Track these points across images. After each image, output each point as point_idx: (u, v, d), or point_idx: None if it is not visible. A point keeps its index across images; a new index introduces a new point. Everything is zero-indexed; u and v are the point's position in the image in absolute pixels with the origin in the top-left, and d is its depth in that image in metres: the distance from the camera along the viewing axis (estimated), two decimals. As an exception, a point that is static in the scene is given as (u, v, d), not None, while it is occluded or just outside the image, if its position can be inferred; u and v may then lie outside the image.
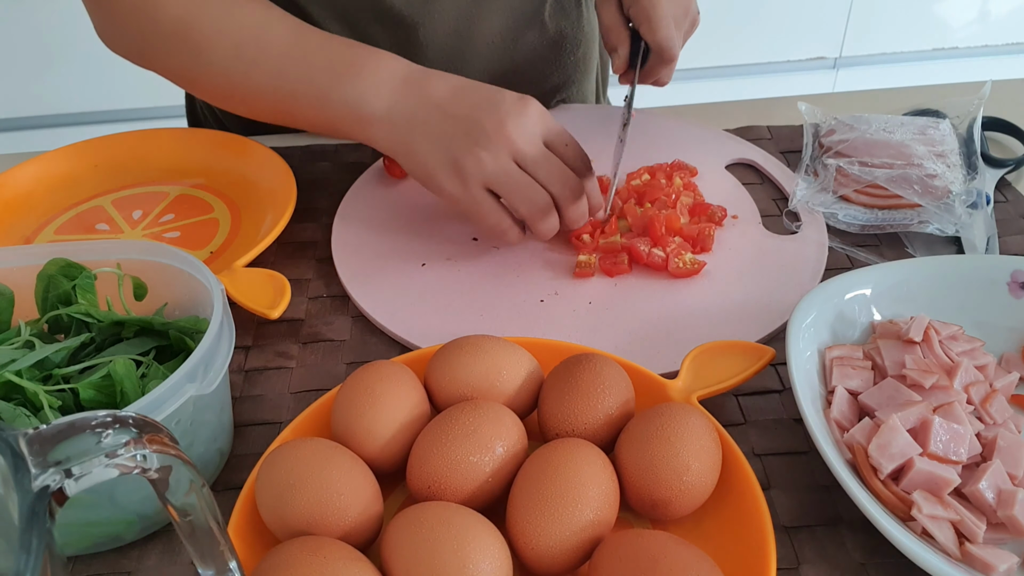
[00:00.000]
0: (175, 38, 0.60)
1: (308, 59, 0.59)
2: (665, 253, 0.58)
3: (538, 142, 0.56)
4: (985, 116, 0.71)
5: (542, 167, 0.56)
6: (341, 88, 0.58)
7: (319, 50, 0.59)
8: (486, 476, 0.39)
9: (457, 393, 0.43)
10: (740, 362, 0.47)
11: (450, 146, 0.56)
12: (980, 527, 0.40)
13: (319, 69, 0.58)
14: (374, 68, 0.58)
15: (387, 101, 0.57)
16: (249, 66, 0.59)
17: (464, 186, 0.56)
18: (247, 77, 0.60)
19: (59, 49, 1.77)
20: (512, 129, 0.55)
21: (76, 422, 0.26)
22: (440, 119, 0.56)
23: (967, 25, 2.00)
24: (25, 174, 0.69)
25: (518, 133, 0.55)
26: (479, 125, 0.55)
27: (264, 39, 0.59)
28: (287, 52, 0.59)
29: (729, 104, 0.81)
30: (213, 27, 0.59)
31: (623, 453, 0.41)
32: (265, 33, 0.59)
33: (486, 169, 0.55)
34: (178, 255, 0.48)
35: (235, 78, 0.60)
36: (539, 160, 0.56)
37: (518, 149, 0.55)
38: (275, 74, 0.59)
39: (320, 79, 0.58)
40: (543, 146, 0.56)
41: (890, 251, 0.61)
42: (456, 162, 0.56)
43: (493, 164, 0.55)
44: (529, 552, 0.37)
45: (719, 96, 0.87)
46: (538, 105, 0.57)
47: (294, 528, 0.37)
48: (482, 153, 0.55)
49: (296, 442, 0.40)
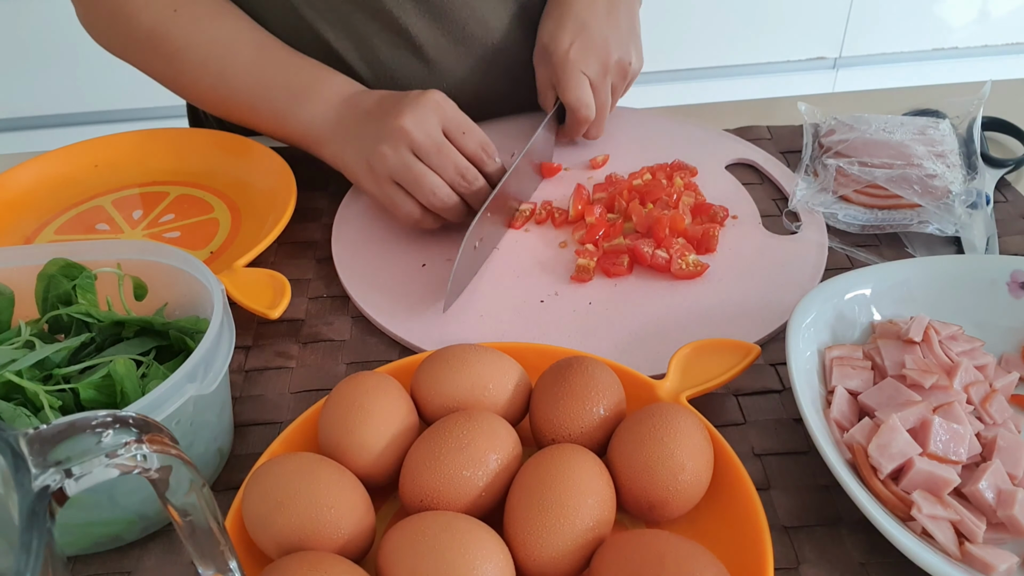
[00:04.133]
0: (149, 46, 0.64)
1: (268, 79, 0.63)
2: (668, 255, 0.58)
3: (434, 132, 0.59)
4: (985, 116, 0.71)
5: (434, 156, 0.58)
6: (296, 111, 0.63)
7: (278, 71, 0.63)
8: (480, 489, 0.39)
9: (444, 406, 0.43)
10: (727, 360, 0.48)
11: (363, 146, 0.60)
12: (980, 527, 0.40)
13: (278, 89, 0.63)
14: (325, 92, 0.63)
15: (332, 121, 0.62)
16: (215, 79, 0.64)
17: (376, 182, 0.60)
18: (214, 89, 0.64)
19: (59, 49, 1.77)
20: (407, 121, 0.58)
21: (76, 422, 0.26)
22: (362, 124, 0.61)
23: (967, 25, 2.00)
24: (25, 174, 0.69)
25: (413, 124, 0.58)
26: (383, 123, 0.59)
27: (229, 56, 0.63)
28: (249, 70, 0.63)
29: (729, 104, 0.81)
30: (183, 40, 0.63)
31: (617, 456, 0.40)
32: (230, 49, 0.64)
33: (388, 163, 0.58)
34: (178, 255, 0.48)
35: (203, 91, 0.65)
36: (431, 149, 0.58)
37: (413, 140, 0.58)
38: (238, 89, 0.64)
39: (278, 99, 0.63)
40: (440, 135, 0.59)
41: (890, 251, 0.61)
42: (368, 160, 0.60)
43: (394, 158, 0.58)
44: (531, 563, 0.37)
45: (719, 96, 0.87)
46: (437, 96, 0.60)
47: (285, 545, 0.37)
48: (384, 148, 0.58)
49: (281, 458, 0.39)
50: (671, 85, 1.89)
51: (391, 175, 0.59)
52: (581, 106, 0.67)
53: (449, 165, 0.59)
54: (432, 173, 0.58)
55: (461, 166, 0.59)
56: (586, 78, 0.66)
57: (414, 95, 0.59)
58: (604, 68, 0.67)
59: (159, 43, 0.64)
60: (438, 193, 0.59)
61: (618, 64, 0.68)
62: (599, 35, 0.67)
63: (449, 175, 0.59)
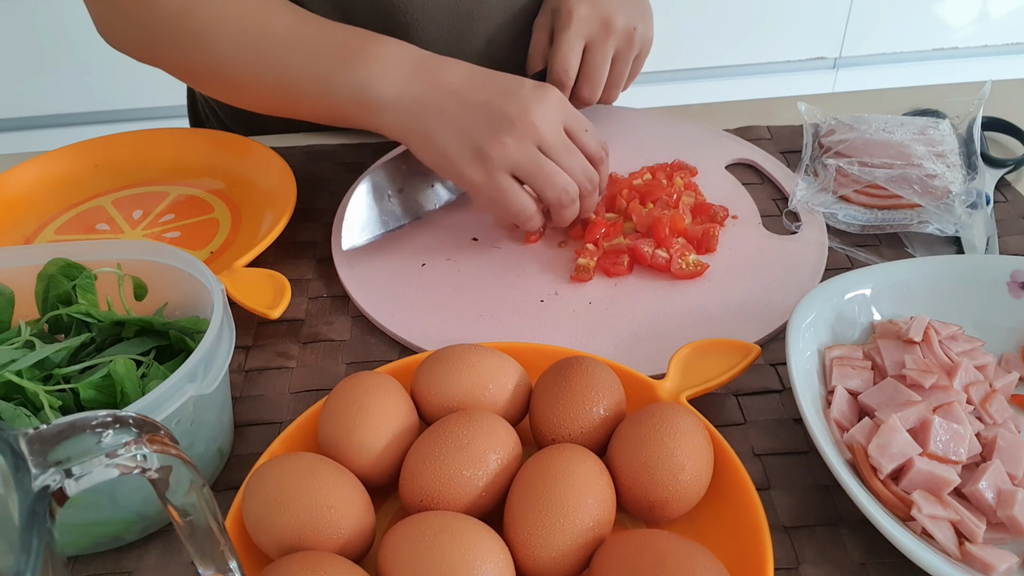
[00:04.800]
0: (176, 28, 0.60)
1: (312, 46, 0.58)
2: (668, 254, 0.58)
3: (560, 130, 0.57)
4: (985, 116, 0.71)
5: (565, 155, 0.57)
6: (346, 74, 0.57)
7: (323, 36, 0.58)
8: (480, 489, 0.39)
9: (444, 406, 0.43)
10: (727, 360, 0.47)
11: (471, 133, 0.55)
12: (980, 527, 0.40)
13: (323, 56, 0.58)
14: (381, 53, 0.57)
15: (397, 87, 0.57)
16: (251, 54, 0.59)
17: (487, 173, 0.56)
18: (249, 66, 0.59)
19: (59, 49, 1.76)
20: (536, 116, 0.55)
21: (76, 422, 0.26)
22: (458, 106, 0.56)
23: (967, 25, 2.00)
24: (25, 174, 0.69)
25: (541, 120, 0.55)
26: (502, 112, 0.55)
27: (266, 26, 0.59)
28: (290, 39, 0.58)
29: (729, 104, 0.81)
30: (214, 15, 0.59)
31: (617, 456, 0.40)
32: (267, 20, 0.59)
33: (512, 156, 0.55)
34: (178, 255, 0.48)
35: (238, 67, 0.60)
36: (562, 148, 0.56)
37: (542, 137, 0.55)
38: (278, 62, 0.58)
39: (324, 66, 0.58)
40: (564, 134, 0.57)
41: (890, 251, 0.61)
42: (479, 149, 0.55)
43: (519, 151, 0.55)
44: (531, 563, 0.37)
45: (719, 96, 0.87)
46: (557, 93, 0.57)
47: (285, 545, 0.37)
48: (507, 140, 0.55)
49: (281, 458, 0.39)
50: (671, 85, 1.89)
51: (512, 168, 0.56)
52: (559, 69, 0.66)
53: (578, 166, 0.57)
54: (563, 172, 0.56)
55: (588, 169, 0.58)
56: (580, 43, 0.66)
57: (531, 87, 0.56)
58: (607, 30, 0.66)
59: (188, 22, 0.59)
60: (570, 192, 0.57)
61: (624, 29, 0.67)
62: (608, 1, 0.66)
63: (578, 176, 0.57)
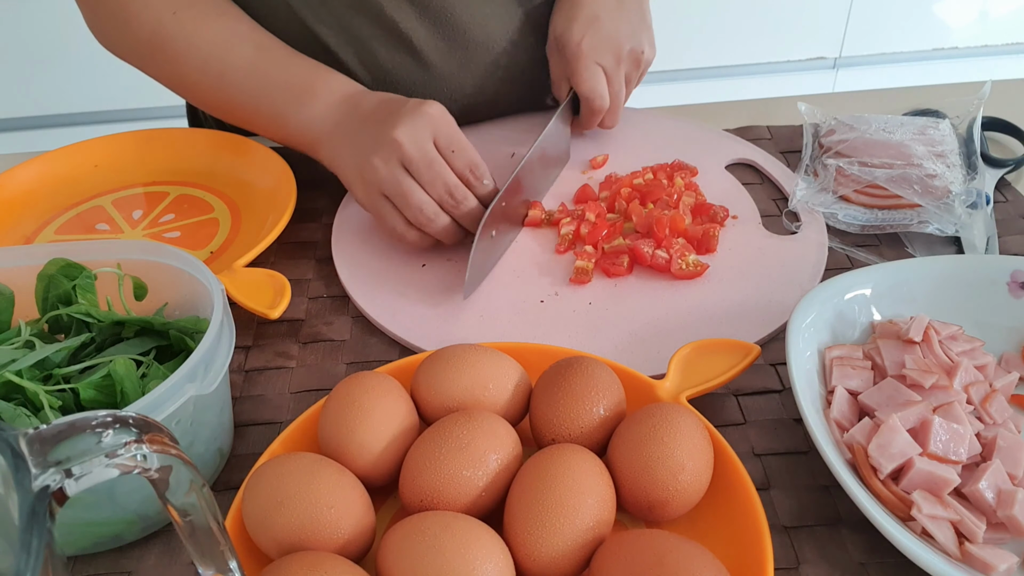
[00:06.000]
0: (151, 49, 0.64)
1: (267, 79, 0.63)
2: (668, 255, 0.58)
3: (425, 145, 0.57)
4: (985, 116, 0.71)
5: (425, 170, 0.57)
6: (295, 110, 0.62)
7: (278, 71, 0.63)
8: (480, 489, 0.39)
9: (443, 406, 0.43)
10: (727, 360, 0.47)
11: (357, 154, 0.59)
12: (980, 527, 0.40)
13: (278, 89, 0.62)
14: (324, 92, 0.62)
15: (330, 122, 0.61)
16: (215, 81, 0.63)
17: (367, 193, 0.59)
18: (215, 90, 0.64)
19: (59, 49, 1.77)
20: (400, 134, 0.56)
21: (76, 422, 0.26)
22: (359, 129, 0.60)
23: (967, 25, 2.00)
24: (25, 174, 0.70)
25: (406, 138, 0.56)
26: (379, 131, 0.58)
27: (229, 57, 0.63)
28: (249, 71, 0.63)
29: (729, 104, 0.81)
30: (184, 41, 0.63)
31: (617, 456, 0.40)
32: (230, 51, 0.63)
33: (378, 176, 0.57)
34: (178, 255, 0.48)
35: (206, 92, 0.65)
36: (423, 163, 0.57)
37: (404, 153, 0.56)
38: (239, 90, 0.63)
39: (278, 100, 0.62)
40: (433, 150, 0.57)
41: (890, 251, 0.61)
42: (361, 170, 0.58)
43: (384, 171, 0.57)
44: (531, 563, 0.37)
45: (719, 96, 0.87)
46: (435, 108, 0.58)
47: (285, 545, 0.37)
48: (376, 160, 0.57)
49: (281, 458, 0.39)
50: (671, 85, 1.89)
51: (381, 188, 0.58)
52: (595, 96, 0.67)
53: (438, 182, 0.57)
54: (420, 190, 0.57)
55: (451, 184, 0.57)
56: (600, 68, 0.67)
57: (412, 105, 0.58)
58: (617, 57, 0.67)
59: (161, 46, 0.63)
60: (425, 211, 0.57)
61: (631, 53, 0.68)
62: (611, 26, 0.67)
63: (437, 192, 0.57)
